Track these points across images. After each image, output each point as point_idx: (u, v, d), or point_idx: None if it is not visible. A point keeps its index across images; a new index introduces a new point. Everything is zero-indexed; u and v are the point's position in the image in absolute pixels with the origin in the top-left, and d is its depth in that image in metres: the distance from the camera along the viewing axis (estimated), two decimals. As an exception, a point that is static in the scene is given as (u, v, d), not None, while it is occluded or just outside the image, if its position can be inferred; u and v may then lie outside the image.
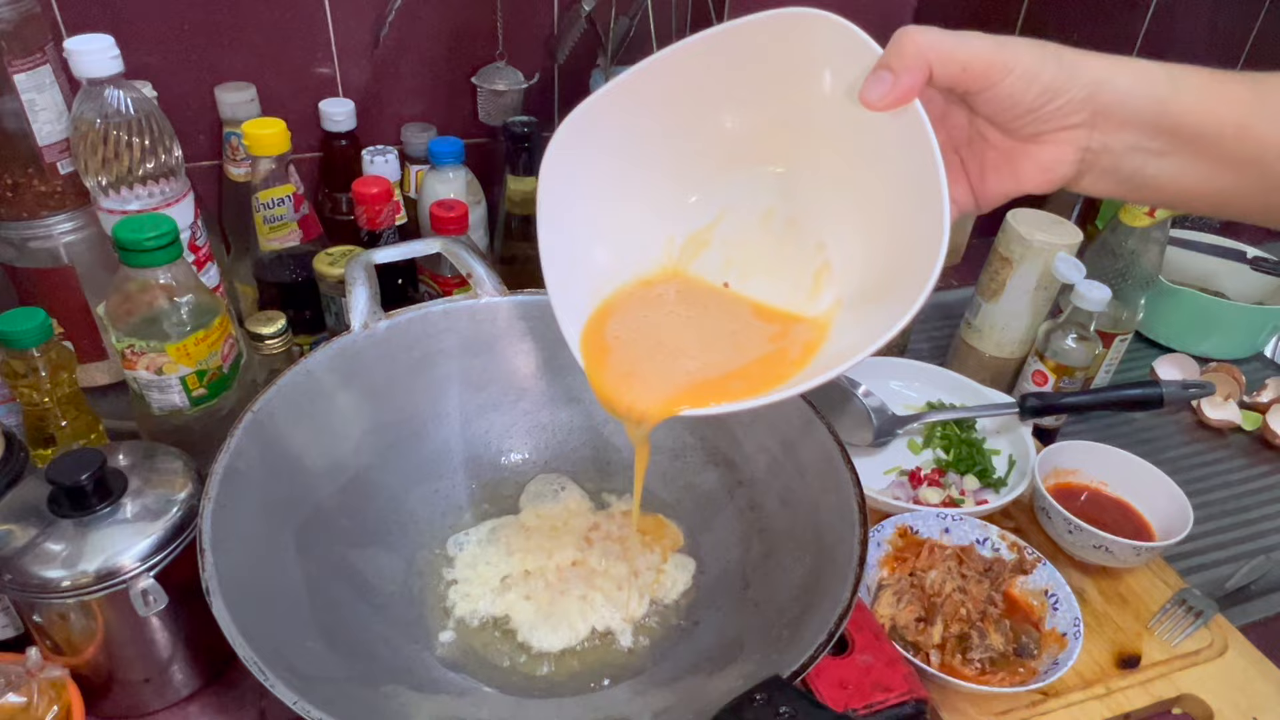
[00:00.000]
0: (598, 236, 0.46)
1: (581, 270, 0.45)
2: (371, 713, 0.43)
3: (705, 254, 0.47)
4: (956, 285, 1.15)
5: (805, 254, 0.45)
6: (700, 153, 0.45)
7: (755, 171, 0.45)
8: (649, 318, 0.45)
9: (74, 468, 0.53)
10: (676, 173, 0.46)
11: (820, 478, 0.56)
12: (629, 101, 0.42)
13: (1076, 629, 0.61)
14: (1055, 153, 0.39)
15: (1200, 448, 0.91)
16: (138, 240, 0.57)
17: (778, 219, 0.46)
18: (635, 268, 0.47)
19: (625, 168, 0.44)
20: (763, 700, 0.39)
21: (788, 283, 0.45)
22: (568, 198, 0.44)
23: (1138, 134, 0.38)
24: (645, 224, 0.46)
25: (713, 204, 0.46)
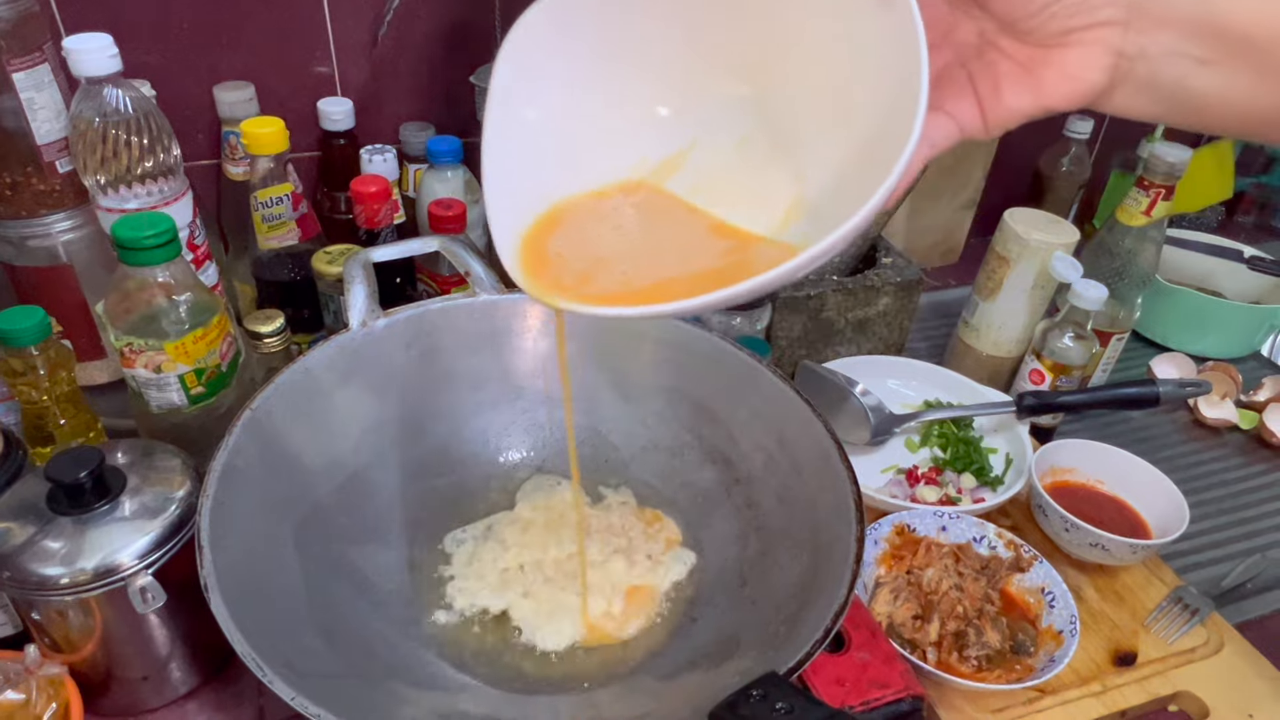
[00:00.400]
0: (556, 133, 0.41)
1: (531, 168, 0.40)
2: (369, 709, 0.43)
3: (676, 176, 0.42)
4: (954, 284, 1.15)
5: (782, 184, 0.40)
6: (677, 58, 0.40)
7: (732, 87, 0.41)
8: (597, 231, 0.41)
9: (72, 466, 0.53)
10: (650, 76, 0.40)
11: (817, 475, 0.56)
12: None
13: (1073, 626, 0.61)
14: (1083, 56, 0.34)
15: (1197, 446, 0.92)
16: (137, 239, 0.57)
17: (756, 145, 0.41)
18: (595, 176, 0.42)
19: (595, 59, 0.40)
20: (759, 696, 0.39)
21: (761, 210, 0.40)
22: (527, 81, 0.39)
23: (1179, 36, 0.33)
24: (612, 131, 0.41)
25: (686, 122, 0.42)
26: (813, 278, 0.86)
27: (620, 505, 0.65)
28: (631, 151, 0.42)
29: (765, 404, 0.61)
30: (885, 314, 0.88)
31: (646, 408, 0.66)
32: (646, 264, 0.39)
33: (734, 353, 0.64)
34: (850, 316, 0.86)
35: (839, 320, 0.86)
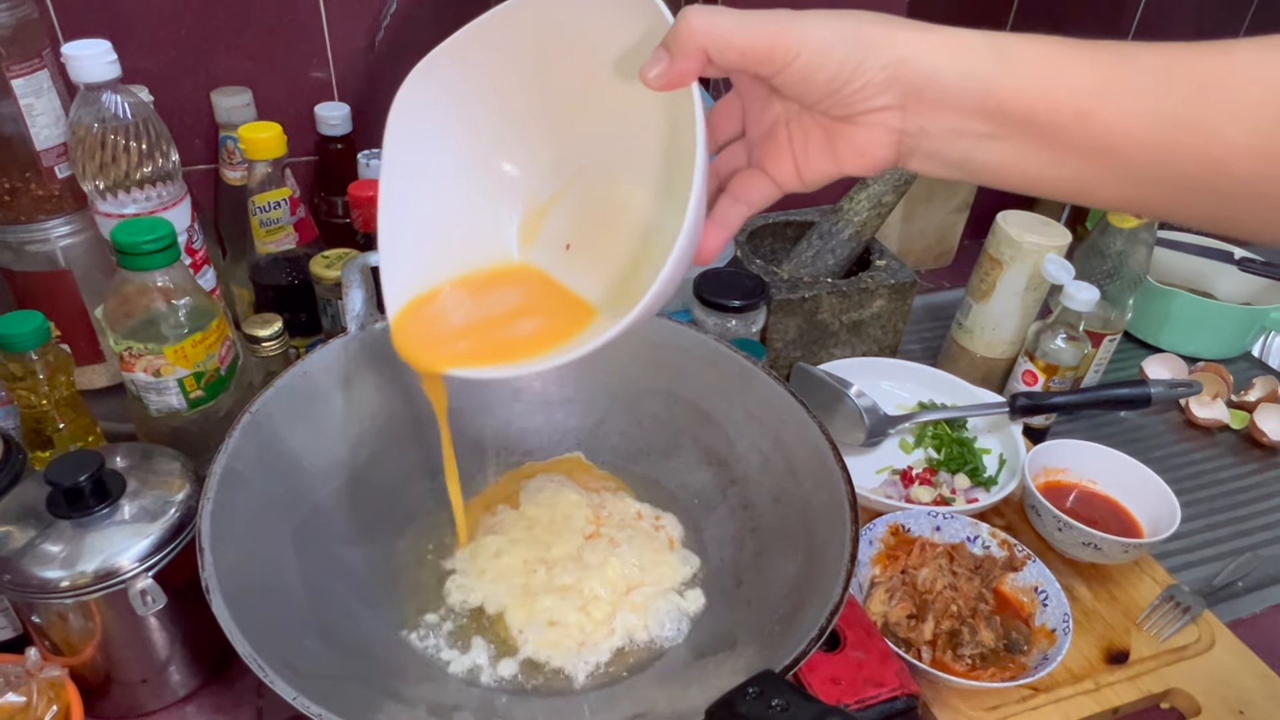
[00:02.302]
0: (432, 207, 0.47)
1: (413, 249, 0.47)
2: (368, 709, 0.44)
3: (534, 241, 0.49)
4: (948, 286, 1.16)
5: (607, 234, 0.46)
6: (519, 118, 0.45)
7: (564, 144, 0.46)
8: (462, 305, 0.49)
9: (72, 469, 0.53)
10: (501, 139, 0.46)
11: (812, 476, 0.56)
12: (458, 62, 0.43)
13: (1066, 625, 0.62)
14: (869, 135, 0.36)
15: (1188, 446, 0.92)
16: (136, 243, 0.58)
17: (591, 198, 0.47)
18: (465, 258, 0.49)
19: (454, 132, 0.46)
20: (755, 694, 0.39)
21: (599, 276, 0.47)
22: (403, 166, 0.46)
23: (958, 117, 0.34)
24: (473, 203, 0.48)
25: (531, 182, 0.48)
26: (808, 280, 0.86)
27: (621, 503, 0.65)
28: (491, 222, 0.49)
29: (760, 406, 0.62)
30: (879, 316, 0.89)
31: (643, 410, 0.67)
32: (497, 332, 0.47)
33: (729, 355, 0.64)
34: (845, 319, 0.87)
35: (834, 322, 0.87)
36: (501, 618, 0.56)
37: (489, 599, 0.57)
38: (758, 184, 0.41)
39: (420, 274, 0.47)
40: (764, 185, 0.40)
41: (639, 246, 0.45)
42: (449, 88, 0.44)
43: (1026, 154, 0.34)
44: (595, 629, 0.55)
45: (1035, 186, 0.36)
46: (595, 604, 0.56)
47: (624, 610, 0.56)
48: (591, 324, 0.45)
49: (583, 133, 0.45)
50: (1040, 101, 0.33)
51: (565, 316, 0.47)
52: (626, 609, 0.57)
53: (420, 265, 0.47)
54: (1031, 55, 0.33)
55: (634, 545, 0.60)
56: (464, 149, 0.46)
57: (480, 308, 0.48)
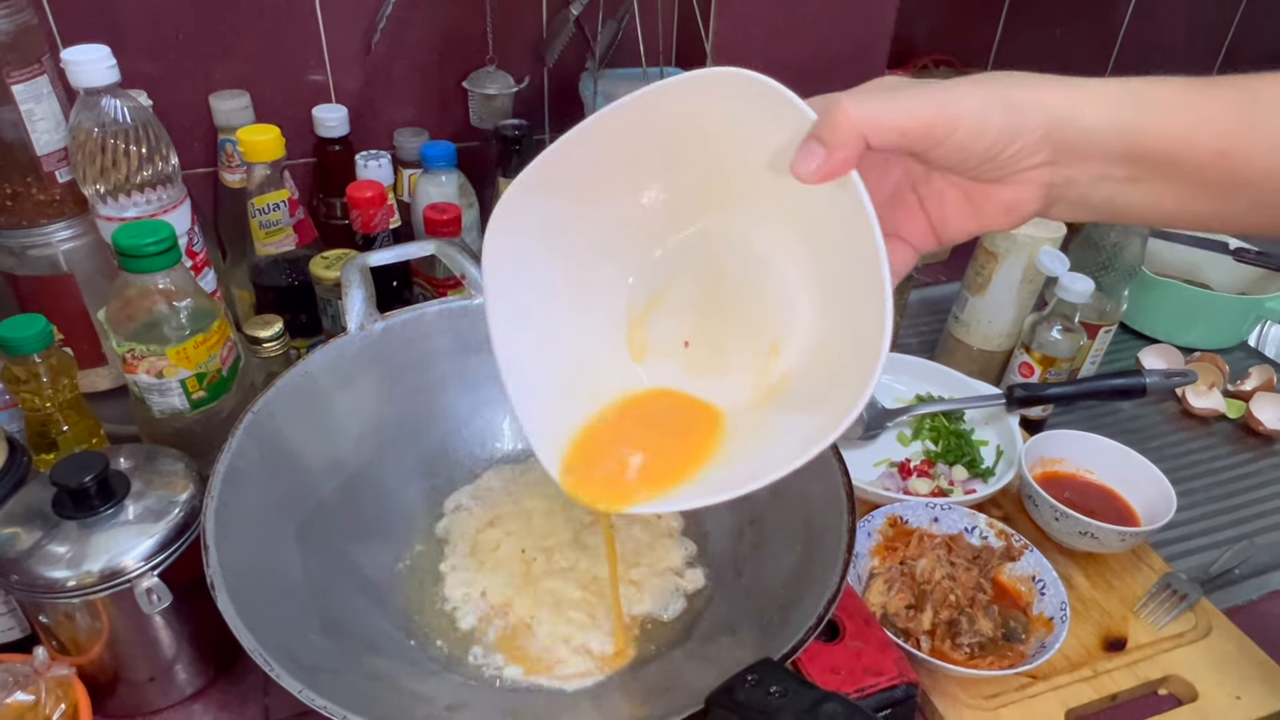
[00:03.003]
0: (556, 344, 0.45)
1: (551, 394, 0.45)
2: (373, 702, 0.44)
3: (647, 337, 0.46)
4: (944, 280, 1.16)
5: (750, 338, 0.43)
6: (636, 227, 0.43)
7: (689, 250, 0.43)
8: (614, 442, 0.45)
9: (78, 470, 0.54)
10: (614, 255, 0.44)
11: (809, 468, 0.56)
12: (557, 180, 0.40)
13: (1063, 613, 0.62)
14: (1018, 192, 0.36)
15: (1185, 436, 0.93)
16: (137, 246, 0.58)
17: (725, 294, 0.44)
18: (603, 389, 0.46)
19: (564, 263, 0.43)
20: (753, 681, 0.40)
21: (737, 366, 0.44)
22: (516, 314, 0.43)
23: (1104, 164, 0.35)
24: (584, 328, 0.45)
25: (652, 283, 0.45)
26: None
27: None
28: (606, 339, 0.45)
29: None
30: (876, 310, 0.89)
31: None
32: (658, 460, 0.43)
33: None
34: (842, 313, 0.87)
35: (830, 317, 0.87)
36: (503, 612, 0.56)
37: (491, 589, 0.57)
38: (896, 252, 0.39)
39: (559, 418, 0.45)
40: (904, 252, 0.40)
41: (774, 318, 0.42)
42: (535, 217, 0.41)
43: (1168, 193, 0.36)
44: (600, 610, 0.56)
45: (1173, 222, 0.37)
46: (595, 583, 0.57)
47: (622, 585, 0.57)
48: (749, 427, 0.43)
49: (684, 231, 0.43)
50: (1182, 144, 0.34)
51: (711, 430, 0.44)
52: (625, 583, 0.57)
53: (557, 408, 0.45)
54: (1168, 100, 0.34)
55: (632, 530, 0.61)
56: (562, 278, 0.44)
57: (630, 438, 0.45)
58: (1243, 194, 0.35)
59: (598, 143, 0.39)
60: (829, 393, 0.38)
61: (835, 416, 0.36)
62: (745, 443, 0.42)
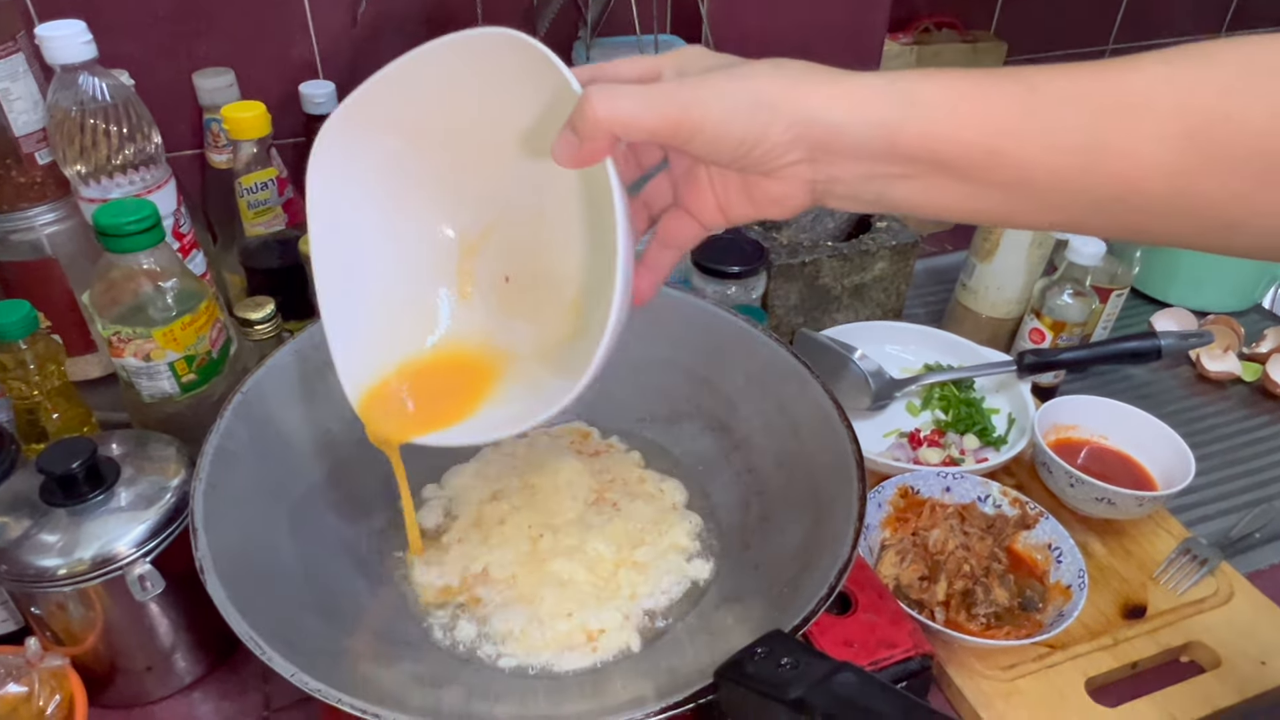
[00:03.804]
0: (368, 281, 0.46)
1: (365, 335, 0.46)
2: (369, 685, 0.43)
3: (476, 269, 0.48)
4: (950, 250, 1.14)
5: (542, 266, 0.46)
6: (436, 167, 0.44)
7: (486, 185, 0.45)
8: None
9: (65, 456, 0.53)
10: (422, 186, 0.45)
11: (816, 436, 0.55)
12: (365, 117, 0.41)
13: (1081, 580, 0.61)
14: (783, 187, 0.37)
15: (1200, 400, 0.91)
16: (119, 225, 0.56)
17: (521, 235, 0.46)
18: (411, 336, 0.48)
19: (376, 188, 0.44)
20: (764, 653, 0.38)
21: (535, 296, 0.47)
22: (331, 232, 0.44)
23: (868, 163, 0.35)
24: (409, 254, 0.46)
25: (462, 218, 0.46)
26: (808, 244, 0.85)
27: (625, 469, 0.64)
28: (430, 268, 0.47)
29: (762, 369, 0.61)
30: (882, 279, 0.87)
31: (643, 379, 0.65)
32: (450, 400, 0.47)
33: (729, 319, 0.63)
34: (846, 282, 0.86)
35: (835, 286, 0.85)
36: (506, 588, 0.55)
37: (494, 565, 0.56)
38: (684, 227, 0.41)
39: (371, 352, 0.47)
40: (690, 227, 0.41)
41: (576, 273, 0.45)
42: (360, 144, 0.42)
43: (941, 189, 0.35)
44: (605, 586, 0.54)
45: (953, 216, 0.36)
46: (600, 563, 0.55)
47: (626, 568, 0.55)
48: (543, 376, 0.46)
49: (503, 176, 0.44)
50: (949, 144, 0.33)
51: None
52: (629, 567, 0.55)
53: (370, 341, 0.47)
54: (937, 98, 0.33)
55: (636, 506, 0.59)
56: (389, 201, 0.45)
57: (429, 382, 0.48)
58: (1022, 191, 0.34)
59: (403, 86, 0.39)
60: (574, 365, 0.40)
61: (549, 400, 0.40)
62: (516, 389, 0.46)
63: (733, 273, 0.76)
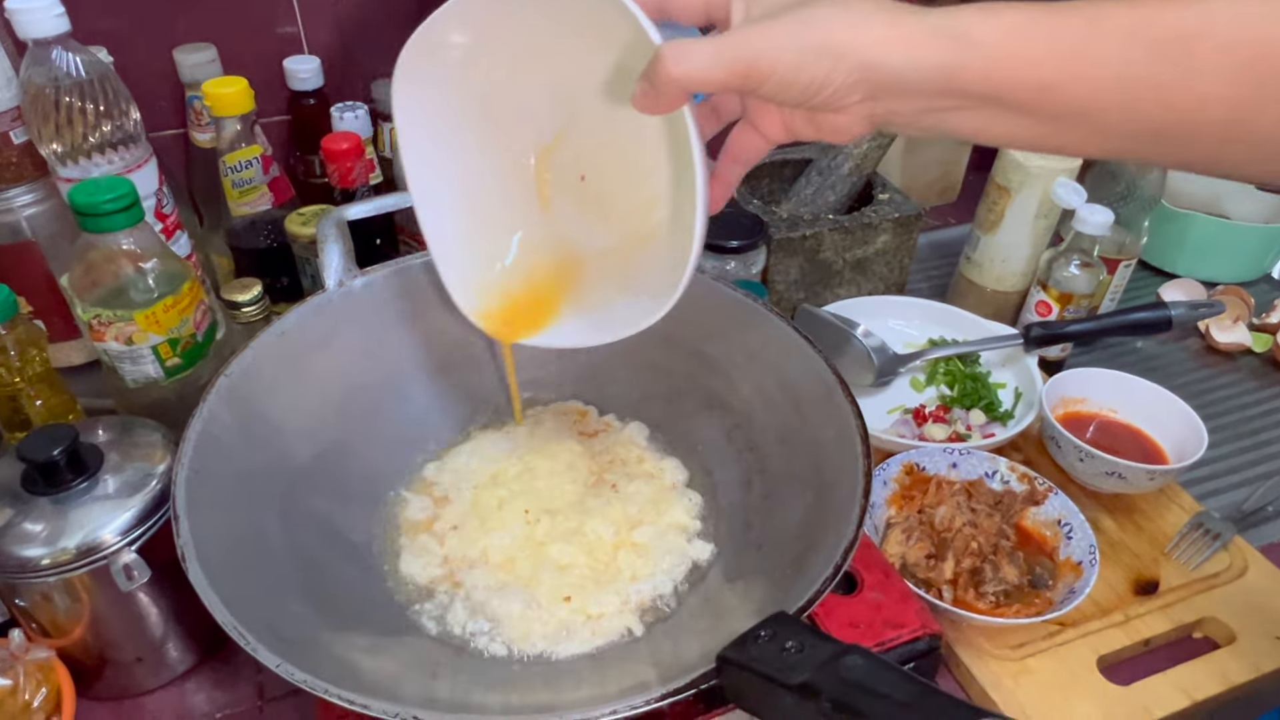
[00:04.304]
0: (461, 191, 0.51)
1: (461, 235, 0.52)
2: (360, 675, 0.41)
3: (551, 171, 0.51)
4: (954, 223, 1.12)
5: (633, 188, 0.49)
6: (541, 78, 0.47)
7: (589, 99, 0.47)
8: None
9: (45, 444, 0.52)
10: (505, 112, 0.48)
11: (819, 412, 0.54)
12: (445, 36, 0.44)
13: (1092, 556, 0.59)
14: (845, 120, 0.38)
15: (1210, 373, 0.89)
16: (95, 203, 0.55)
17: (596, 139, 0.49)
18: (503, 221, 0.52)
19: (460, 104, 0.48)
20: (768, 636, 0.37)
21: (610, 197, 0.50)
22: (429, 175, 0.49)
23: (925, 99, 0.36)
24: (494, 163, 0.50)
25: (539, 119, 0.49)
26: (808, 217, 0.83)
27: (624, 448, 0.62)
28: (514, 174, 0.51)
29: (763, 345, 0.59)
30: (884, 252, 0.85)
31: (640, 357, 0.64)
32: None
33: (729, 294, 0.61)
34: (848, 256, 0.84)
35: (837, 261, 0.83)
36: (502, 572, 0.53)
37: (491, 550, 0.54)
38: (751, 142, 0.44)
39: (474, 264, 0.52)
40: (757, 143, 0.44)
41: (650, 177, 0.47)
42: (434, 70, 0.45)
43: (998, 120, 0.36)
44: (604, 569, 0.53)
45: (1010, 144, 0.38)
46: (599, 546, 0.54)
47: (625, 550, 0.54)
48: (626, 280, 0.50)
49: (574, 90, 0.47)
50: (1005, 83, 0.34)
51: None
52: (628, 549, 0.54)
53: (470, 253, 0.52)
54: (994, 35, 0.34)
55: (635, 487, 0.58)
56: (468, 117, 0.48)
57: (530, 286, 0.53)
58: (1075, 122, 0.35)
59: (473, 15, 0.43)
60: (658, 267, 0.46)
61: (658, 298, 0.44)
62: (607, 290, 0.51)
63: (731, 247, 0.74)
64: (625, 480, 0.59)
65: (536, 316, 0.52)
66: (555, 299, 0.52)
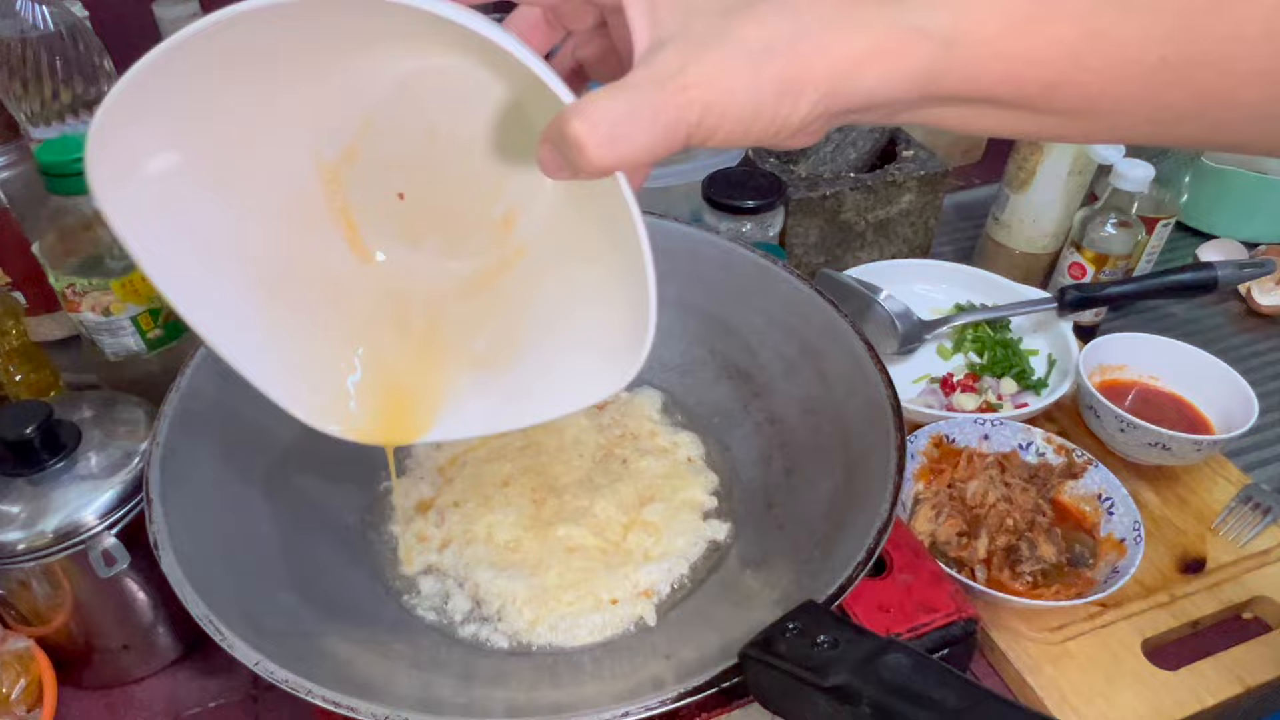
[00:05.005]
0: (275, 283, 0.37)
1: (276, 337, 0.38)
2: (349, 671, 0.38)
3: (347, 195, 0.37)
4: (979, 183, 1.07)
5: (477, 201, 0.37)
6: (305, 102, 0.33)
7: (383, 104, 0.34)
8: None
9: (17, 421, 0.49)
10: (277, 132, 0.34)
11: (845, 381, 0.50)
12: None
13: (1137, 533, 0.55)
14: (807, 140, 0.31)
15: (1251, 337, 0.85)
16: (63, 163, 0.51)
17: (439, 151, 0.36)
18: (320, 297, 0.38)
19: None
20: (796, 630, 0.33)
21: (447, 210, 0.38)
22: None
23: (900, 107, 0.30)
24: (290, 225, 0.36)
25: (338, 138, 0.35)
26: (828, 176, 0.78)
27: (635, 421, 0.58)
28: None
29: (783, 309, 0.55)
30: (909, 212, 0.80)
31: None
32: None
33: (745, 255, 0.57)
34: (871, 217, 0.79)
35: (859, 222, 0.79)
36: (504, 560, 0.50)
37: (494, 532, 0.50)
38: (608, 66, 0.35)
39: (308, 367, 0.39)
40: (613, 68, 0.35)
41: (500, 187, 0.36)
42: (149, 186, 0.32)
43: (985, 116, 0.30)
44: (615, 550, 0.49)
45: (999, 134, 0.32)
46: (609, 527, 0.50)
47: (636, 530, 0.50)
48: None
49: (361, 86, 0.33)
50: (1000, 85, 0.28)
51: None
52: (640, 528, 0.50)
53: (295, 354, 0.39)
54: (983, 31, 0.27)
55: (647, 463, 0.54)
56: (212, 177, 0.34)
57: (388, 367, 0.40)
58: (1084, 117, 0.30)
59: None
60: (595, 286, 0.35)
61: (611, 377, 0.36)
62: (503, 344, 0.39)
63: (747, 208, 0.70)
64: (636, 456, 0.55)
65: (425, 404, 0.40)
66: (439, 374, 0.40)
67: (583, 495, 0.53)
